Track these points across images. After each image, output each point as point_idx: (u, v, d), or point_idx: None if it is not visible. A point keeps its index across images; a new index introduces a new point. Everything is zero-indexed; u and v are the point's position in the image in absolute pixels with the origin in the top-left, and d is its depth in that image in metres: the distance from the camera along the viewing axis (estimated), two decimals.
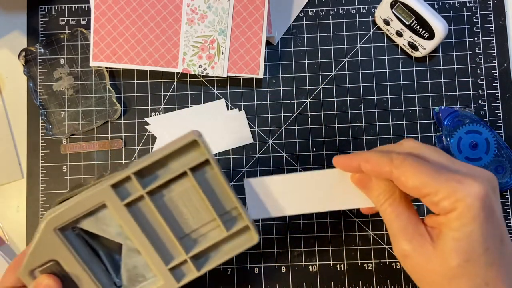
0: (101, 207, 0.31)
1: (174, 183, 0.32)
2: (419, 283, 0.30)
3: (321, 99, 0.50)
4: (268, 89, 0.50)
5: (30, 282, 0.31)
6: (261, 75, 0.48)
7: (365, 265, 0.48)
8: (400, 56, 0.50)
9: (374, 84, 0.49)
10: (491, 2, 0.50)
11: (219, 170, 0.31)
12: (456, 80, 0.49)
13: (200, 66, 0.47)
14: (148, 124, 0.49)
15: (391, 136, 0.49)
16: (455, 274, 0.28)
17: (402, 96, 0.49)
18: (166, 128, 0.49)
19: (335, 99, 0.49)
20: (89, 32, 0.48)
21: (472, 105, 0.49)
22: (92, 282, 0.32)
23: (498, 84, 0.49)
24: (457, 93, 0.49)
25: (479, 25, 0.50)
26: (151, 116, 0.50)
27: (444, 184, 0.28)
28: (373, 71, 0.50)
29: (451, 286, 0.28)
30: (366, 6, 0.51)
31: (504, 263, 0.28)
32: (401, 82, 0.49)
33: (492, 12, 0.50)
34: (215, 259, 0.33)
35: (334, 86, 0.50)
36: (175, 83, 0.50)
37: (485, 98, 0.49)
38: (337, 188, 0.34)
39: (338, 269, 0.48)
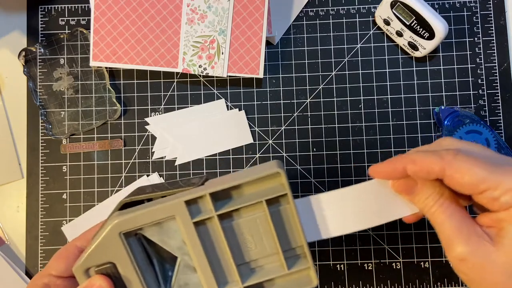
0: (168, 219, 0.31)
1: (245, 209, 0.32)
2: (477, 285, 0.29)
3: (321, 99, 0.50)
4: (268, 89, 0.50)
5: (83, 280, 0.31)
6: (261, 75, 0.48)
7: (365, 265, 0.48)
8: (400, 56, 0.50)
9: (374, 84, 0.49)
10: (491, 2, 0.50)
11: (295, 206, 0.31)
12: (456, 80, 0.49)
13: (200, 66, 0.47)
14: (148, 124, 0.49)
15: (391, 136, 0.49)
16: None
17: (402, 96, 0.49)
18: (166, 128, 0.49)
19: (335, 99, 0.49)
20: (89, 32, 0.48)
21: (472, 105, 0.49)
22: None
23: (498, 84, 0.49)
24: (457, 93, 0.49)
25: (479, 25, 0.50)
26: (151, 116, 0.50)
27: (504, 177, 0.27)
28: (373, 71, 0.50)
29: None
30: (366, 6, 0.51)
31: None
32: (401, 82, 0.49)
33: (492, 12, 0.50)
34: None
35: (334, 86, 0.50)
36: (175, 83, 0.50)
37: (485, 98, 0.49)
38: (378, 200, 0.32)
39: (338, 269, 0.48)
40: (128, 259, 0.31)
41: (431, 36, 0.46)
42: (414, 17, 0.46)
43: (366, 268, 0.48)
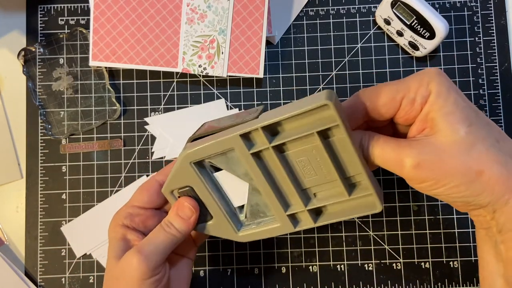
0: (231, 151, 0.34)
1: (299, 140, 0.32)
2: (442, 185, 0.30)
3: None
4: (268, 89, 0.50)
5: (172, 199, 0.36)
6: (261, 75, 0.48)
7: (366, 265, 0.47)
8: (400, 56, 0.50)
9: (375, 84, 0.49)
10: (491, 2, 0.50)
11: (348, 136, 0.30)
12: (457, 80, 0.49)
13: (200, 66, 0.47)
14: (147, 124, 0.49)
15: None
16: (469, 142, 0.29)
17: None
18: (166, 128, 0.49)
19: None
20: (89, 31, 0.48)
21: None
22: (219, 209, 0.36)
23: (499, 84, 0.49)
24: None
25: (480, 25, 0.50)
26: (150, 116, 0.49)
27: (410, 81, 0.30)
28: (374, 70, 0.49)
29: (473, 156, 0.29)
30: (367, 6, 0.50)
31: (493, 124, 0.31)
32: None
33: (493, 11, 0.50)
34: (332, 216, 0.34)
35: (334, 86, 0.49)
36: (174, 83, 0.50)
37: (486, 98, 0.49)
38: None
39: (338, 269, 0.47)
40: (202, 184, 0.35)
41: (432, 35, 0.46)
42: (415, 17, 0.45)
43: (366, 268, 0.47)
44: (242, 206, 0.37)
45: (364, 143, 0.32)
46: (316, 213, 0.35)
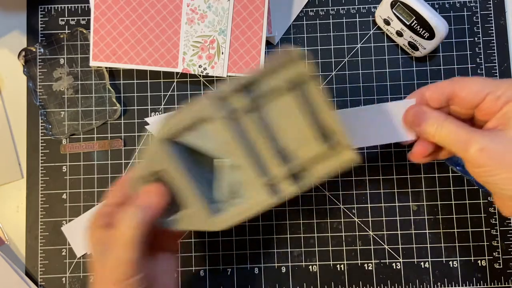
0: (203, 123, 0.33)
1: (272, 101, 0.33)
2: (497, 173, 0.32)
3: None
4: None
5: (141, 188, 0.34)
6: None
7: (365, 265, 0.48)
8: (400, 56, 0.50)
9: (374, 84, 0.49)
10: (491, 2, 0.50)
11: (319, 90, 0.32)
12: None
13: (200, 66, 0.47)
14: (148, 124, 0.49)
15: None
16: None
17: (403, 96, 0.49)
18: None
19: (335, 99, 0.49)
20: (89, 32, 0.48)
21: None
22: (194, 194, 0.33)
23: None
24: None
25: (479, 25, 0.50)
26: (151, 116, 0.50)
27: (501, 82, 0.34)
28: (373, 71, 0.50)
29: None
30: (366, 6, 0.50)
31: None
32: (401, 82, 0.49)
33: (492, 12, 0.50)
34: (312, 175, 0.34)
35: (334, 86, 0.50)
36: (175, 83, 0.50)
37: None
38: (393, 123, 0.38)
39: (338, 269, 0.48)
40: (174, 165, 0.33)
41: (431, 36, 0.46)
42: (414, 17, 0.45)
43: (366, 268, 0.47)
44: (218, 190, 0.35)
45: (440, 119, 0.34)
46: (295, 178, 0.34)
